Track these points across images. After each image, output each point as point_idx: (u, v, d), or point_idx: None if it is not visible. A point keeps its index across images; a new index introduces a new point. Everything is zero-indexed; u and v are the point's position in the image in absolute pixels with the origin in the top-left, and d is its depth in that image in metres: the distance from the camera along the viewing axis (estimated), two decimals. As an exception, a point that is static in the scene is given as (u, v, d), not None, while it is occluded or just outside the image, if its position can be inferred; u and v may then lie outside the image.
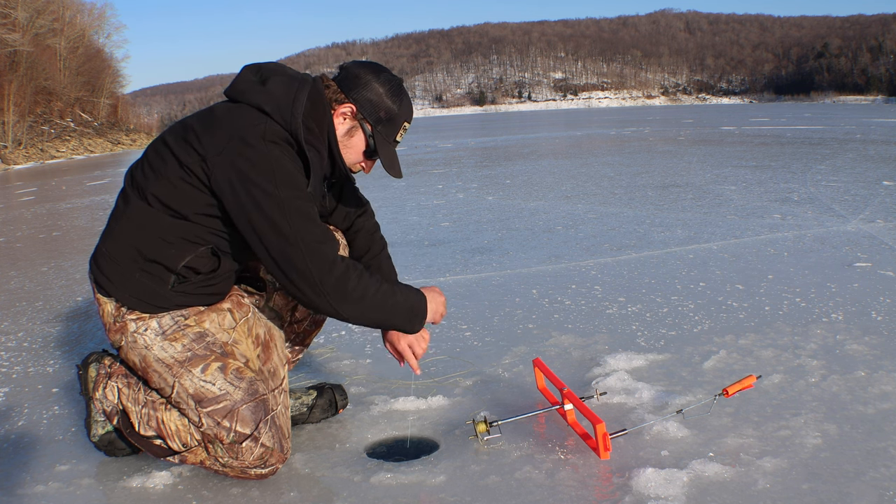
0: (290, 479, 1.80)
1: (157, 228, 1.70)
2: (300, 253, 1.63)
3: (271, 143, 1.64)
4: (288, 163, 1.65)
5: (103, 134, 35.35)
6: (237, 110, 1.69)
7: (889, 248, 4.03)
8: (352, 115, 1.79)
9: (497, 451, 1.87)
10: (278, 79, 1.73)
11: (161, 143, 1.73)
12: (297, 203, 1.64)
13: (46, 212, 8.38)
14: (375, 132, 1.79)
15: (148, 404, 1.80)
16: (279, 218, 1.62)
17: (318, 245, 1.65)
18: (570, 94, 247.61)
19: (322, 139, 1.77)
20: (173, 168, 1.67)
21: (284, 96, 1.69)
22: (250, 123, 1.65)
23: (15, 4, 29.38)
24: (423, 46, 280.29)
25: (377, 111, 1.78)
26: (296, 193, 1.65)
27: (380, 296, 1.72)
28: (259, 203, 1.62)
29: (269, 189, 1.62)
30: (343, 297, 1.67)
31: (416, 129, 35.72)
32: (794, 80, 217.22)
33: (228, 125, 1.66)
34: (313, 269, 1.63)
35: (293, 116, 1.68)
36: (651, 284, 3.47)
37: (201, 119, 1.71)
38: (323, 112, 1.76)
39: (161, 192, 1.68)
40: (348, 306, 1.68)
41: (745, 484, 1.64)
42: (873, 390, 2.12)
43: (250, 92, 1.71)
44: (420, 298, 1.83)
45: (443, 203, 6.90)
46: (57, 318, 3.48)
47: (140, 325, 1.76)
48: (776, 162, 9.32)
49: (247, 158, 1.62)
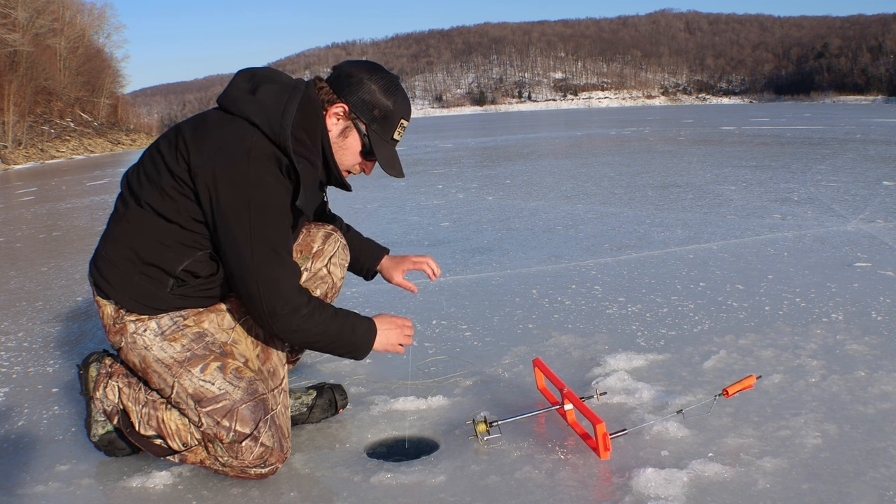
0: (290, 479, 1.80)
1: (155, 233, 1.71)
2: (255, 285, 1.65)
3: (255, 160, 1.61)
4: (270, 184, 1.63)
5: (103, 134, 35.35)
6: (228, 123, 1.66)
7: (889, 248, 4.03)
8: (344, 114, 1.76)
9: (497, 451, 1.87)
10: (269, 87, 1.70)
11: (156, 151, 1.73)
12: (267, 232, 1.64)
13: (46, 212, 8.38)
14: (370, 131, 1.76)
15: (148, 404, 1.80)
16: (244, 245, 1.63)
17: (275, 281, 1.65)
18: (570, 94, 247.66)
19: (315, 148, 1.74)
20: (166, 178, 1.67)
21: (274, 106, 1.67)
22: (238, 138, 1.63)
23: (15, 4, 29.38)
24: (423, 46, 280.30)
25: (371, 109, 1.75)
26: (269, 220, 1.64)
27: (325, 332, 1.74)
28: (229, 225, 1.63)
29: (242, 214, 1.62)
30: (287, 330, 1.70)
31: (416, 129, 35.73)
32: (794, 80, 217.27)
33: (217, 137, 1.64)
34: (265, 303, 1.66)
35: (282, 128, 1.65)
36: (651, 284, 3.47)
37: (194, 128, 1.70)
38: (315, 120, 1.73)
39: (155, 201, 1.69)
40: (293, 337, 1.73)
41: (745, 484, 1.64)
42: (873, 390, 2.12)
43: (241, 101, 1.68)
44: (367, 331, 1.84)
45: (443, 203, 6.90)
46: (57, 318, 3.48)
47: (139, 326, 1.76)
48: (776, 162, 9.32)
49: (226, 177, 1.61)
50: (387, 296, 3.50)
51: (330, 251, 2.07)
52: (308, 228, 2.08)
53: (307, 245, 2.05)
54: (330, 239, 2.07)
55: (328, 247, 2.07)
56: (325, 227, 2.09)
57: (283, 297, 1.66)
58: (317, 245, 2.06)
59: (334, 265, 2.08)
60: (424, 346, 2.74)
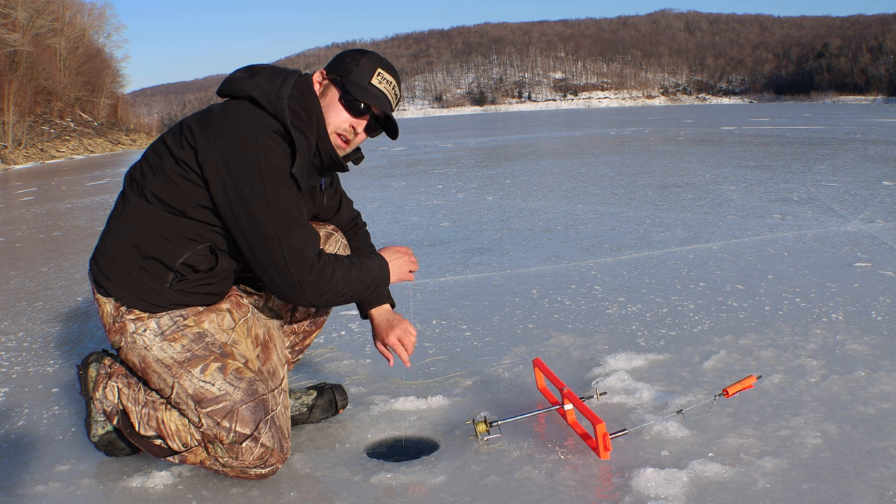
0: (290, 479, 1.80)
1: (155, 225, 1.71)
2: (282, 254, 1.67)
3: (262, 133, 1.67)
4: (279, 157, 1.68)
5: (103, 134, 35.36)
6: (233, 106, 1.73)
7: (889, 248, 4.03)
8: (323, 77, 1.84)
9: (497, 451, 1.87)
10: (267, 70, 1.80)
11: (160, 143, 1.77)
12: (284, 203, 1.67)
13: (46, 212, 8.38)
14: (346, 80, 1.79)
15: (148, 404, 1.80)
16: (264, 217, 1.65)
17: (300, 246, 1.69)
18: (570, 94, 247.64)
19: (310, 124, 1.78)
20: (170, 164, 1.69)
21: (270, 83, 1.74)
22: (243, 117, 1.69)
23: (15, 4, 29.38)
24: (423, 46, 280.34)
25: (344, 65, 1.81)
26: (283, 192, 1.67)
27: (348, 283, 1.79)
28: (246, 199, 1.65)
29: (257, 186, 1.64)
30: (317, 295, 1.73)
31: (416, 128, 35.72)
32: (794, 80, 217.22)
33: (222, 119, 1.69)
34: (293, 270, 1.68)
35: (279, 99, 1.71)
36: (651, 284, 3.47)
37: (198, 117, 1.75)
38: (311, 98, 1.79)
39: (158, 189, 1.70)
40: (322, 299, 1.76)
41: (745, 484, 1.64)
42: (873, 390, 2.12)
43: (238, 82, 1.76)
44: (381, 267, 1.90)
45: (443, 203, 6.90)
46: (57, 318, 3.48)
47: (139, 326, 1.76)
48: (776, 162, 9.32)
49: (237, 152, 1.64)
50: (387, 296, 3.50)
51: (330, 251, 2.07)
52: (308, 228, 2.08)
53: None
54: (331, 239, 2.07)
55: (328, 246, 2.07)
56: (327, 227, 2.09)
57: (310, 263, 1.69)
58: (317, 245, 2.06)
59: (335, 265, 2.08)
60: (424, 346, 2.73)
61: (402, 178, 9.62)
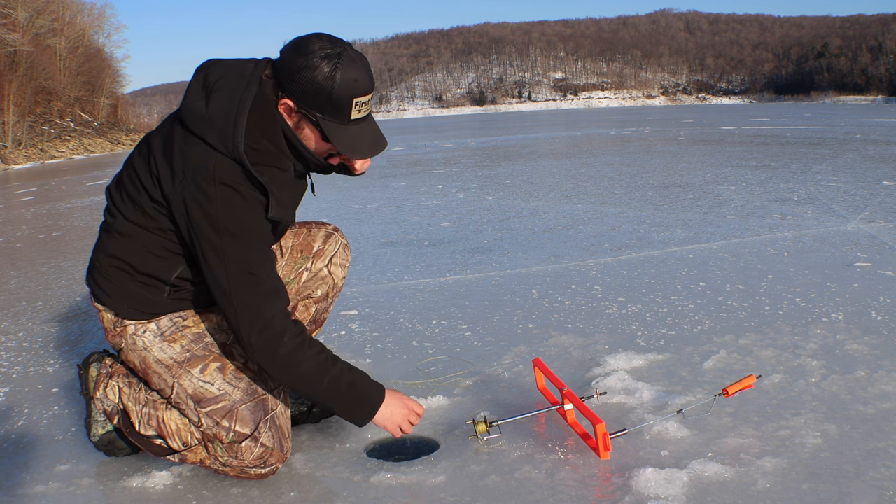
0: (290, 479, 1.80)
1: (145, 244, 1.71)
2: (233, 310, 1.61)
3: (221, 184, 1.57)
4: (239, 205, 1.59)
5: (103, 134, 35.34)
6: (190, 144, 1.61)
7: (889, 248, 4.03)
8: (293, 109, 1.63)
9: (497, 451, 1.87)
10: (221, 95, 1.61)
11: (132, 170, 1.71)
12: (243, 256, 1.61)
13: (46, 212, 8.38)
14: (322, 120, 1.61)
15: (149, 404, 1.80)
16: (219, 272, 1.60)
17: (253, 304, 1.61)
18: (570, 94, 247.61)
19: (276, 151, 1.66)
20: (146, 200, 1.67)
21: (224, 121, 1.59)
22: (201, 163, 1.58)
23: (15, 4, 29.37)
24: (423, 46, 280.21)
25: (315, 98, 1.58)
26: (243, 244, 1.60)
27: (315, 375, 1.64)
28: (204, 250, 1.61)
29: (214, 240, 1.59)
30: (270, 361, 1.62)
31: (416, 128, 35.72)
32: (794, 80, 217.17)
33: (182, 162, 1.60)
34: (242, 328, 1.61)
35: (235, 146, 1.58)
36: (651, 284, 3.47)
37: (163, 149, 1.65)
38: (272, 122, 1.63)
39: (139, 220, 1.70)
40: (275, 371, 1.64)
41: (745, 484, 1.64)
42: (873, 390, 2.12)
43: (196, 120, 1.61)
44: (375, 393, 1.73)
45: (443, 203, 6.90)
46: (57, 318, 3.48)
47: (139, 328, 1.77)
48: (776, 162, 9.32)
49: (194, 201, 1.58)
50: (387, 295, 3.50)
51: (331, 251, 2.07)
52: (309, 228, 2.08)
53: (308, 245, 2.05)
54: (331, 239, 2.07)
55: (329, 246, 2.07)
56: (327, 227, 2.09)
57: (262, 322, 1.60)
58: (317, 245, 2.06)
59: (335, 265, 2.08)
60: (424, 346, 2.74)
61: (402, 177, 9.62)
